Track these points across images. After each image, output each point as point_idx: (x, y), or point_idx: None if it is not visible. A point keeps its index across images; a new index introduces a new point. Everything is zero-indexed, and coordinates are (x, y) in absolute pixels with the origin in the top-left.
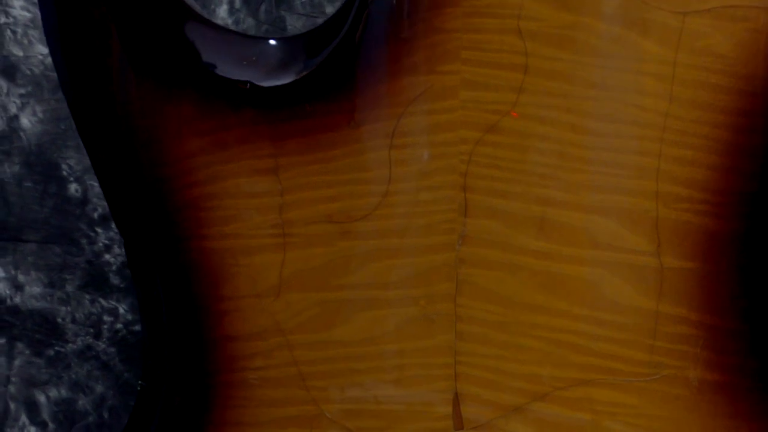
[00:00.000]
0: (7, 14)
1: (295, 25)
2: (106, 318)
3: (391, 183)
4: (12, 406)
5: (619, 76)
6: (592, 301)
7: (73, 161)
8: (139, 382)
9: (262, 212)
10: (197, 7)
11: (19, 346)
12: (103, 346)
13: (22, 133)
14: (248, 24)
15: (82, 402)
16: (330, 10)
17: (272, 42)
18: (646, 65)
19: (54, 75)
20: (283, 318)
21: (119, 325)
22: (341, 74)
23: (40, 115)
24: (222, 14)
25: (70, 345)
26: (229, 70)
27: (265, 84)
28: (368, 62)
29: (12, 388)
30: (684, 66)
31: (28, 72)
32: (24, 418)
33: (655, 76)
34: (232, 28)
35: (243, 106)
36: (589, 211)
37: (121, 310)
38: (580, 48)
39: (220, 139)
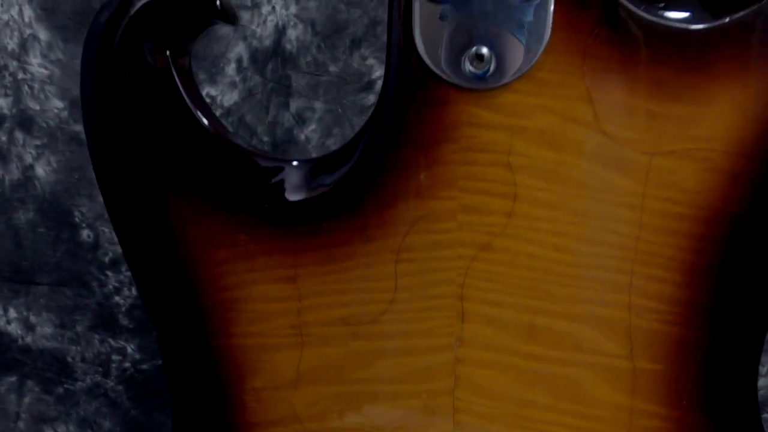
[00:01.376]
0: (24, 71)
1: (300, 82)
2: (114, 357)
3: (397, 292)
4: None
5: (597, 206)
6: (575, 397)
7: (85, 208)
8: None
9: (282, 315)
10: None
11: (30, 383)
12: (112, 384)
13: (36, 182)
14: (255, 81)
15: None
16: (333, 68)
17: (294, 163)
18: (619, 197)
19: (68, 128)
20: (300, 408)
21: (127, 364)
22: (353, 197)
23: (55, 165)
24: (230, 72)
25: (79, 383)
26: (252, 192)
27: (285, 202)
28: (377, 187)
29: (21, 425)
30: (652, 198)
31: (44, 125)
32: None
33: (628, 206)
34: (240, 86)
35: (266, 223)
36: (572, 320)
37: (129, 350)
38: (563, 181)
39: (246, 251)
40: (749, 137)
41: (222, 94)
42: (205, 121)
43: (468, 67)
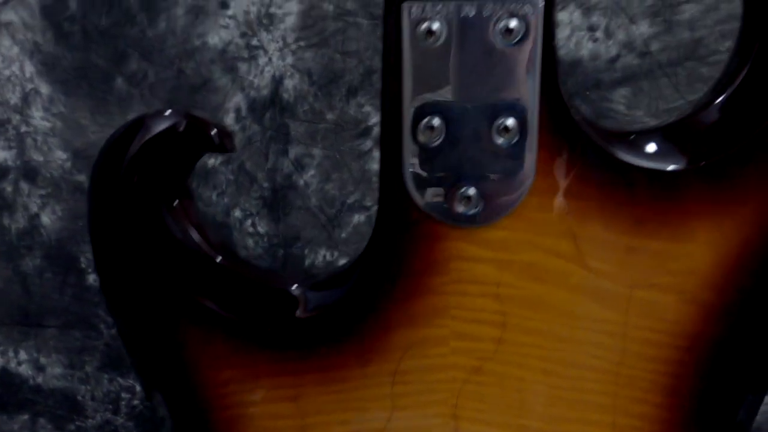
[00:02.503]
0: (27, 123)
1: (298, 130)
2: (123, 395)
3: (394, 411)
4: None
5: (582, 334)
6: None
7: (91, 254)
8: None
9: (286, 431)
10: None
11: (41, 421)
12: (122, 420)
13: (42, 230)
14: (254, 130)
15: None
16: (330, 116)
17: (294, 287)
18: (603, 326)
19: (71, 177)
20: None
21: (136, 401)
22: (350, 323)
23: (59, 213)
24: (229, 121)
25: (90, 420)
26: (255, 317)
27: (286, 327)
28: (373, 314)
29: None
30: (634, 327)
31: (48, 175)
32: None
33: (611, 334)
34: (239, 135)
35: (268, 346)
36: None
37: (138, 388)
38: (549, 310)
39: (250, 372)
40: (723, 272)
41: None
42: (208, 251)
43: (456, 207)
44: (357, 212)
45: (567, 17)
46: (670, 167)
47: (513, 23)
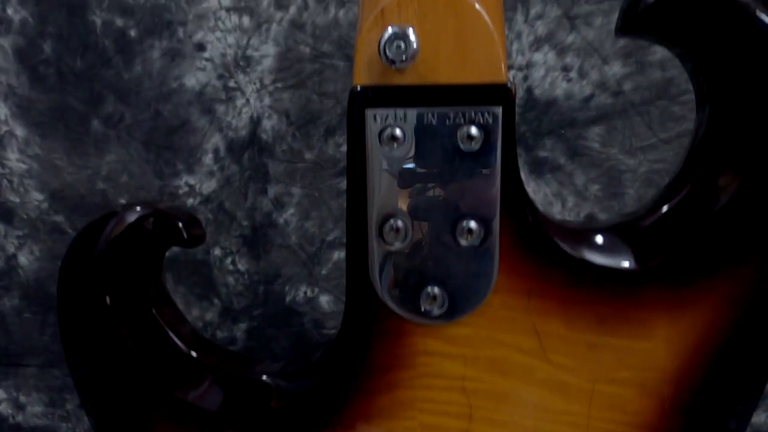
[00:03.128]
0: (3, 165)
1: (277, 170)
2: None
3: None
4: None
5: (546, 425)
6: None
7: None
8: None
9: None
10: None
11: None
12: None
13: (20, 270)
14: (232, 170)
15: None
16: (309, 156)
17: (264, 378)
18: (566, 417)
19: (48, 218)
20: None
21: None
22: (322, 415)
23: (37, 253)
24: (207, 162)
25: None
26: (232, 408)
27: (260, 418)
28: (343, 406)
29: None
30: (596, 419)
31: (25, 216)
32: None
33: (574, 426)
34: (218, 175)
35: None
36: None
37: None
38: (514, 403)
39: None
40: (681, 367)
41: (200, 182)
42: (183, 347)
43: (422, 305)
44: (337, 249)
45: (542, 58)
46: (627, 266)
47: (474, 130)
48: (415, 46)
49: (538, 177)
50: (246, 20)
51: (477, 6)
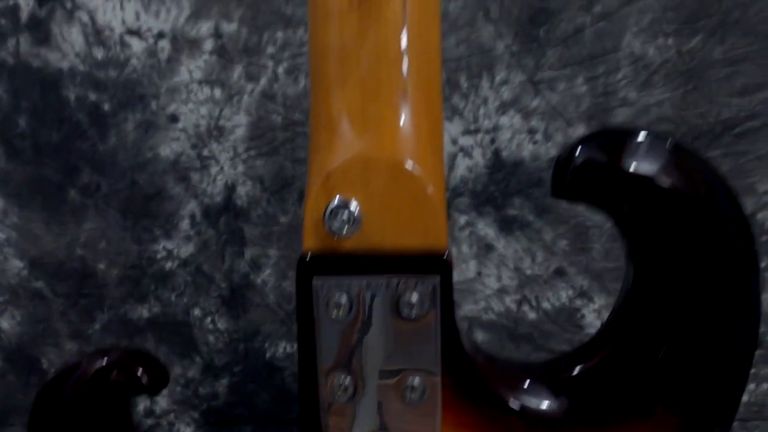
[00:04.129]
0: None
1: (253, 233)
2: None
3: None
4: None
5: None
6: None
7: (52, 355)
8: None
9: None
10: None
11: None
12: None
13: (2, 334)
14: (209, 234)
15: None
16: (284, 219)
17: None
18: None
19: (29, 285)
20: None
21: None
22: None
23: (18, 318)
24: (184, 227)
25: None
26: None
27: None
28: None
29: None
30: None
31: (5, 283)
32: None
33: None
34: (195, 239)
35: None
36: None
37: None
38: None
39: None
40: None
41: (178, 247)
42: None
43: None
44: None
45: (508, 121)
46: (554, 413)
47: (414, 297)
48: (358, 216)
49: (508, 234)
50: (218, 92)
51: (419, 176)
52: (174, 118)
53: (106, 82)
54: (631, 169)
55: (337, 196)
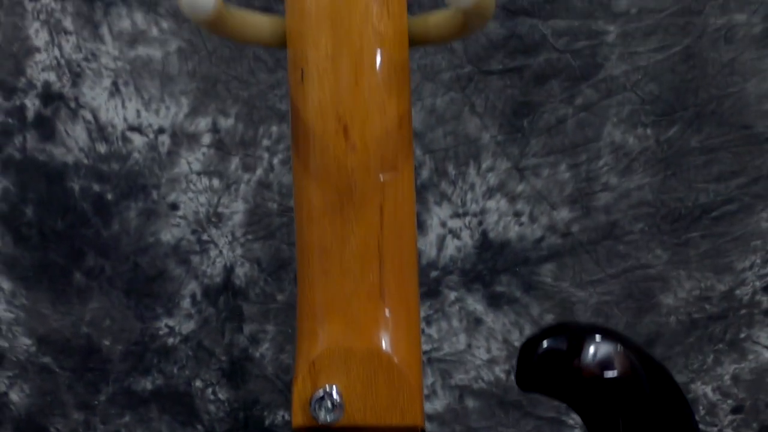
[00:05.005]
0: None
1: (251, 310)
2: None
3: None
4: None
5: None
6: None
7: (60, 425)
8: None
9: None
10: None
11: None
12: None
13: (12, 406)
14: (209, 312)
15: None
16: (281, 297)
17: None
18: None
19: (37, 360)
20: None
21: None
22: None
23: (27, 391)
24: (185, 305)
25: None
26: None
27: None
28: None
29: None
30: None
31: (14, 359)
32: None
33: None
34: (196, 317)
35: None
36: None
37: None
38: None
39: None
40: None
41: (179, 324)
42: None
43: None
44: None
45: (494, 205)
46: None
47: None
48: (340, 402)
49: (497, 309)
50: (216, 182)
51: (397, 363)
52: (174, 206)
53: (109, 174)
54: (584, 369)
55: (321, 389)
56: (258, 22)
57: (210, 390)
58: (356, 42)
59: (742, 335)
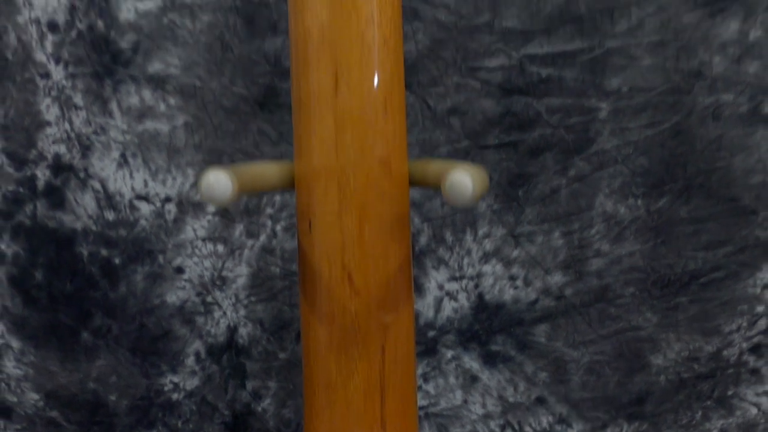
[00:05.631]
0: (1, 371)
1: (254, 368)
2: None
3: None
4: None
5: None
6: None
7: None
8: None
9: None
10: None
11: None
12: None
13: None
14: (213, 369)
15: None
16: (283, 356)
17: None
18: None
19: (45, 414)
20: None
21: None
22: None
23: None
24: (190, 363)
25: None
26: None
27: None
28: None
29: None
30: None
31: (23, 413)
32: None
33: None
34: (200, 374)
35: None
36: None
37: None
38: None
39: None
40: None
41: (184, 380)
42: None
43: None
44: None
45: (490, 269)
46: None
47: None
48: None
49: (492, 367)
50: (220, 247)
51: None
52: (180, 270)
53: (116, 240)
54: None
55: None
56: (267, 173)
57: None
58: (361, 198)
59: (730, 392)
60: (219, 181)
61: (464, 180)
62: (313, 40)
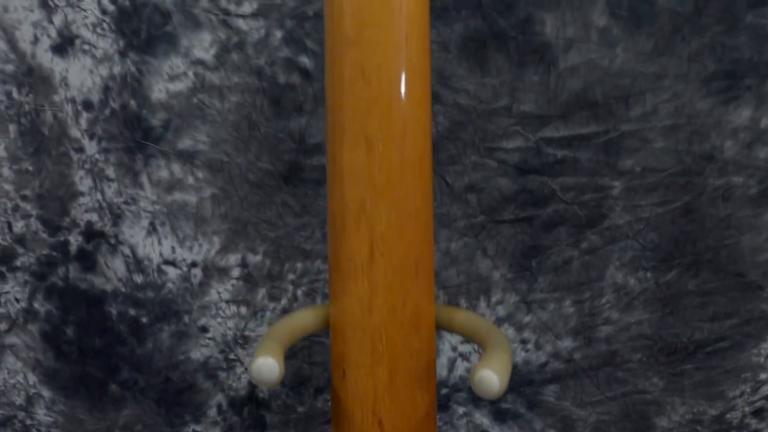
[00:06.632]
0: (32, 418)
1: (273, 419)
2: None
3: None
4: None
5: None
6: None
7: None
8: None
9: None
10: None
11: None
12: None
13: None
14: (234, 420)
15: None
16: (301, 409)
17: None
18: None
19: None
20: None
21: None
22: None
23: None
24: (212, 414)
25: None
26: None
27: None
28: None
29: None
30: None
31: None
32: None
33: None
34: (221, 424)
35: None
36: None
37: None
38: None
39: None
40: None
41: (206, 429)
42: None
43: None
44: None
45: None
46: None
47: None
48: None
49: (502, 423)
50: (243, 309)
51: None
52: (204, 329)
53: (144, 301)
54: None
55: None
56: (305, 323)
57: None
58: (392, 352)
59: None
60: (267, 364)
61: (491, 378)
62: (351, 212)
